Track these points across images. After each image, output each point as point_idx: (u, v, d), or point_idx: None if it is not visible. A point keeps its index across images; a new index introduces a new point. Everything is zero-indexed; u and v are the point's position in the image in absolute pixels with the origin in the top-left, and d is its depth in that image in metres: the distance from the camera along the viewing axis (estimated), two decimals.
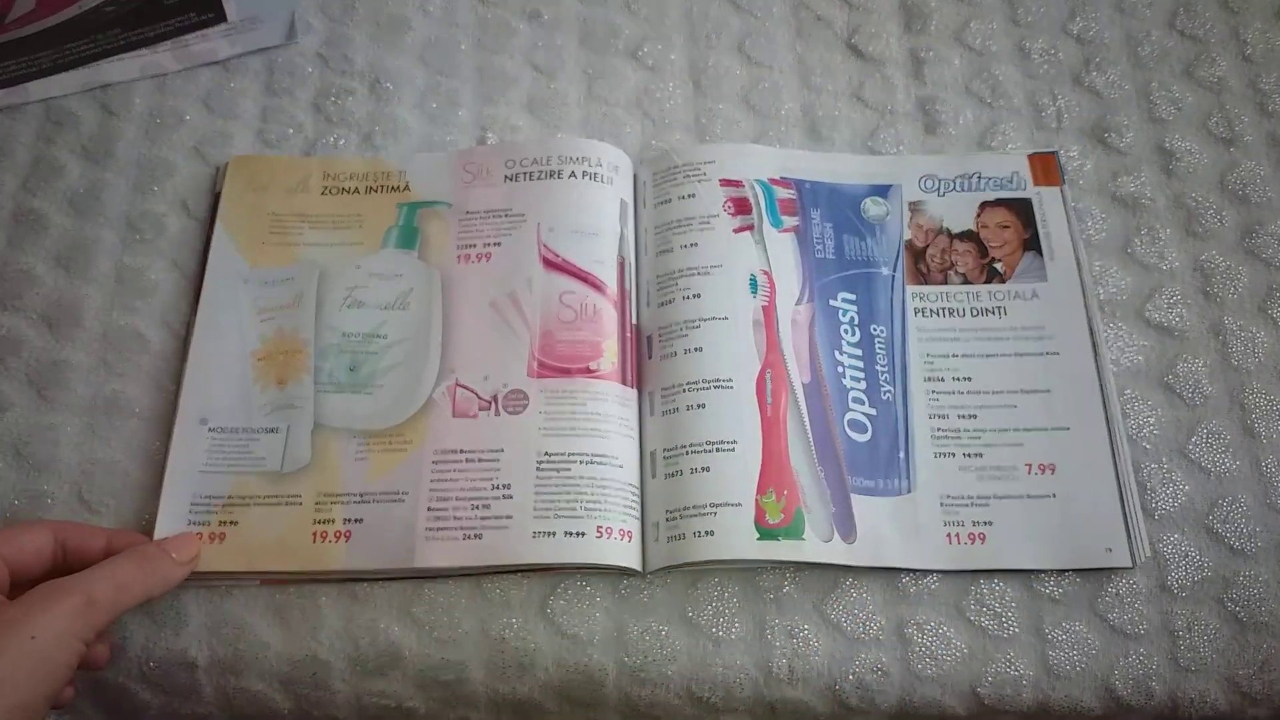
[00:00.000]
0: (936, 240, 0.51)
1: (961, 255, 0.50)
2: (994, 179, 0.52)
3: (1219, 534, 0.45)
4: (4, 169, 0.53)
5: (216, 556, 0.45)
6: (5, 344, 0.49)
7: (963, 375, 0.48)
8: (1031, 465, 0.46)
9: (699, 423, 0.46)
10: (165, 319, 0.50)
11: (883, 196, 0.52)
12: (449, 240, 0.51)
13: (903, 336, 0.48)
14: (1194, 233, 0.51)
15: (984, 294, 0.49)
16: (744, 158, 0.52)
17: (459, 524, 0.45)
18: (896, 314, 0.49)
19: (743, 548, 0.43)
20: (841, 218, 0.51)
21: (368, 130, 0.55)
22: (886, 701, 0.43)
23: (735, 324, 0.47)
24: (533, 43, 0.57)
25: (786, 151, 0.53)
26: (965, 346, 0.48)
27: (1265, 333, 0.48)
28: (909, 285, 0.50)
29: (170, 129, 0.55)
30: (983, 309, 0.49)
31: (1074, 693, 0.43)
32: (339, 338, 0.49)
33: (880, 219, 0.51)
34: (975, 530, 0.45)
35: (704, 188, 0.51)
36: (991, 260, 0.50)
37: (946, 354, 0.48)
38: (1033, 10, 0.57)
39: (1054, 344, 0.48)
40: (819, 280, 0.49)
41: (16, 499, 0.46)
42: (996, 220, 0.51)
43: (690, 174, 0.51)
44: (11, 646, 0.35)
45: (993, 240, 0.50)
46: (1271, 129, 0.53)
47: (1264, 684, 0.43)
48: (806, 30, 0.57)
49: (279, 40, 0.57)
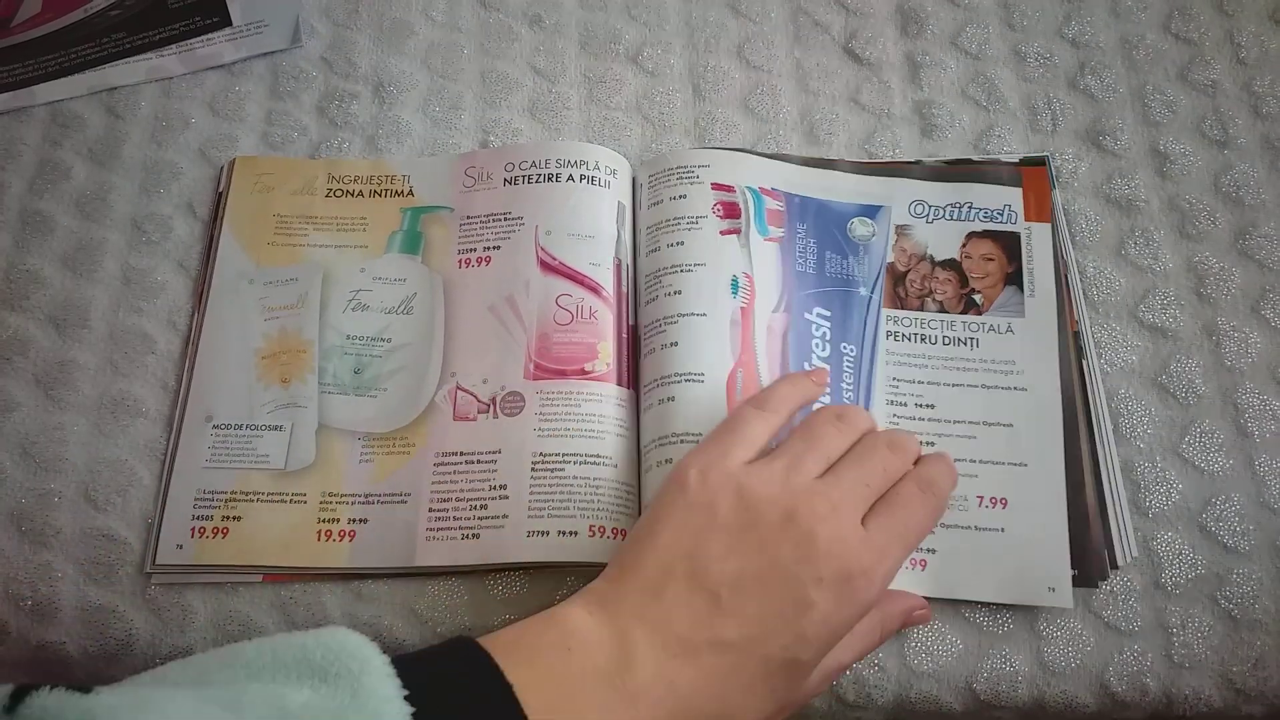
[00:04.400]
0: (919, 266, 0.50)
1: (941, 283, 0.50)
2: (985, 210, 0.51)
3: (1212, 532, 0.45)
4: (11, 172, 0.54)
5: (219, 550, 0.45)
6: (13, 344, 0.50)
7: (926, 402, 0.47)
8: (984, 498, 0.45)
9: (668, 416, 0.46)
10: (171, 319, 0.51)
11: (871, 218, 0.51)
12: (450, 244, 0.52)
13: (871, 358, 0.48)
14: (1188, 234, 0.51)
15: (958, 324, 0.49)
16: (740, 165, 0.52)
17: (458, 524, 0.45)
18: (868, 335, 0.49)
19: None
20: (827, 234, 0.51)
21: (371, 133, 0.55)
22: (884, 697, 0.44)
23: (713, 321, 0.47)
24: (534, 47, 0.58)
25: (784, 165, 0.53)
26: (932, 374, 0.48)
27: (1258, 333, 0.49)
28: (885, 308, 0.49)
29: (176, 132, 0.55)
30: (955, 339, 0.49)
31: (1069, 689, 0.43)
32: (342, 340, 0.50)
33: (865, 239, 0.51)
34: (917, 556, 0.44)
35: (696, 189, 0.51)
36: (971, 291, 0.50)
37: (912, 379, 0.48)
38: (1028, 15, 0.57)
39: (1023, 379, 0.47)
40: (797, 292, 0.49)
41: (24, 498, 0.47)
42: (981, 252, 0.51)
43: (684, 176, 0.51)
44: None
45: (975, 271, 0.50)
46: (1265, 131, 0.54)
47: (1258, 680, 0.43)
48: (804, 35, 0.58)
49: (283, 44, 0.57)
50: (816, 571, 0.35)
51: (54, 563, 0.46)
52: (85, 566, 0.46)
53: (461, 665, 0.32)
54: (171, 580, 0.45)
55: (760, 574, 0.35)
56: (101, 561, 0.46)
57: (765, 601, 0.34)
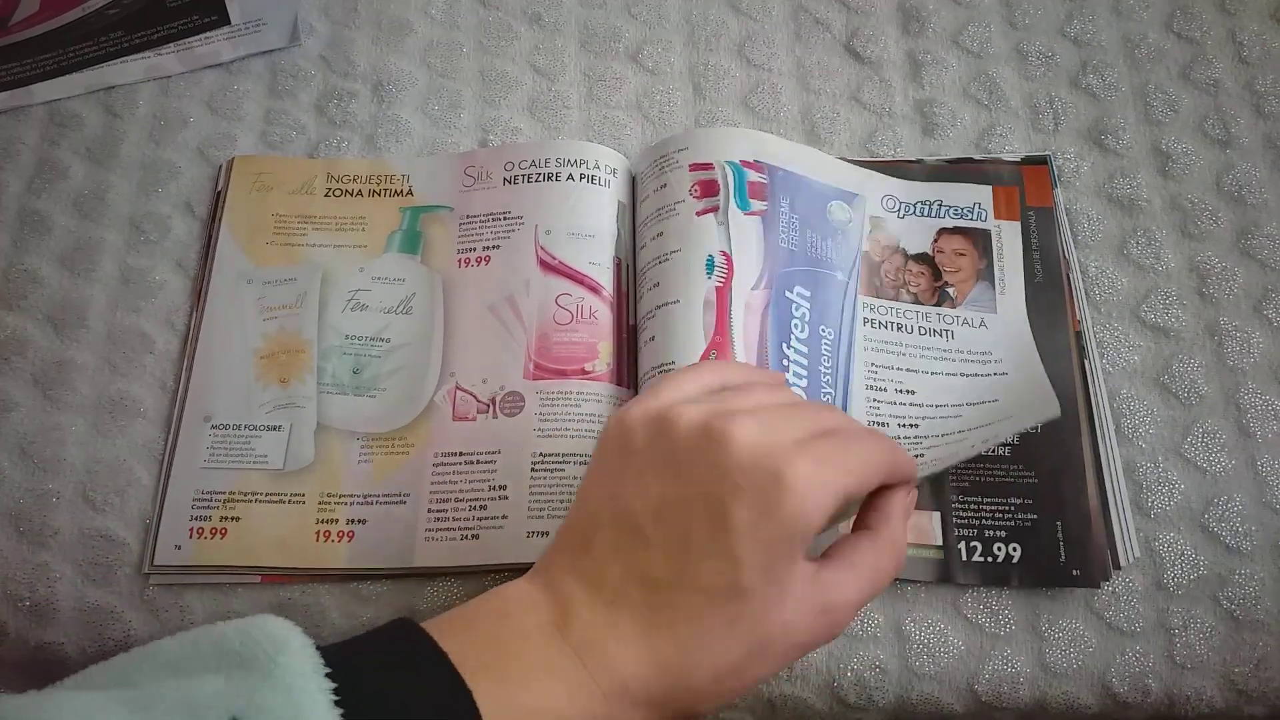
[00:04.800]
0: (892, 258, 0.51)
1: (915, 276, 0.50)
2: (955, 208, 0.52)
3: (1214, 532, 0.45)
4: (9, 171, 0.54)
5: (218, 551, 0.45)
6: (11, 344, 0.50)
7: (906, 388, 0.48)
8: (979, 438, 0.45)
9: None
10: (170, 319, 0.51)
11: (848, 203, 0.52)
12: (450, 244, 0.52)
13: (849, 343, 0.48)
14: (1190, 234, 0.51)
15: (933, 315, 0.49)
16: (720, 141, 0.51)
17: (458, 524, 0.45)
18: (846, 320, 0.49)
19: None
20: (809, 213, 0.50)
21: (370, 132, 0.55)
22: (885, 699, 0.43)
23: (685, 306, 0.46)
24: (534, 46, 0.57)
25: (764, 136, 0.52)
26: (910, 362, 0.48)
27: (1261, 333, 0.49)
28: (862, 295, 0.49)
29: (174, 131, 0.55)
30: (931, 329, 0.49)
31: (1071, 690, 0.43)
32: (341, 340, 0.49)
33: (844, 224, 0.51)
34: (914, 451, 0.45)
35: (675, 175, 0.50)
36: (944, 284, 0.50)
37: (891, 365, 0.48)
38: (1030, 13, 0.57)
39: (1003, 365, 0.48)
40: (779, 269, 0.48)
41: (22, 498, 0.47)
42: (953, 247, 0.51)
43: (665, 164, 0.51)
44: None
45: (948, 266, 0.50)
46: (1268, 130, 0.54)
47: (1260, 681, 0.43)
48: (805, 33, 0.58)
49: (282, 43, 0.57)
50: (735, 482, 0.31)
51: (52, 563, 0.45)
52: (83, 567, 0.45)
53: (391, 636, 0.30)
54: (170, 581, 0.45)
55: (680, 499, 0.31)
56: (100, 562, 0.45)
57: (685, 526, 0.31)
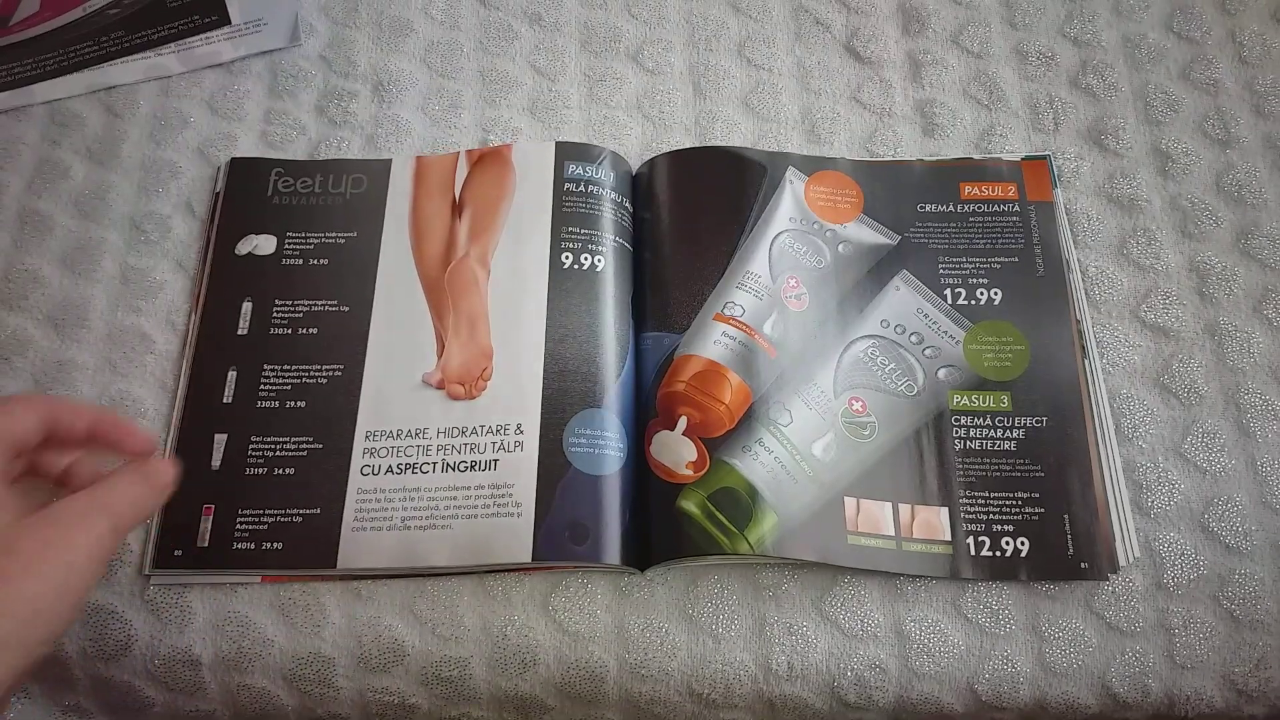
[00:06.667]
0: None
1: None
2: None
3: (1214, 532, 0.45)
4: (9, 171, 0.54)
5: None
6: (12, 344, 0.50)
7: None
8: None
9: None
10: (170, 319, 0.50)
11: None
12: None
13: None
14: (1190, 234, 0.51)
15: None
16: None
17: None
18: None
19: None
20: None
21: (371, 132, 0.55)
22: (885, 699, 0.44)
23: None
24: (534, 45, 0.57)
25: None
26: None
27: (1260, 333, 0.49)
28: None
29: (174, 131, 0.55)
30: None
31: (1071, 690, 0.43)
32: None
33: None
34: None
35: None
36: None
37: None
38: (1030, 14, 0.57)
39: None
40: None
41: None
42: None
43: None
44: (48, 572, 0.31)
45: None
46: (1267, 131, 0.54)
47: (1259, 681, 0.43)
48: (806, 33, 0.58)
49: (282, 43, 0.57)
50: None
51: None
52: None
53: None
54: (171, 581, 0.45)
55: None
56: None
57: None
